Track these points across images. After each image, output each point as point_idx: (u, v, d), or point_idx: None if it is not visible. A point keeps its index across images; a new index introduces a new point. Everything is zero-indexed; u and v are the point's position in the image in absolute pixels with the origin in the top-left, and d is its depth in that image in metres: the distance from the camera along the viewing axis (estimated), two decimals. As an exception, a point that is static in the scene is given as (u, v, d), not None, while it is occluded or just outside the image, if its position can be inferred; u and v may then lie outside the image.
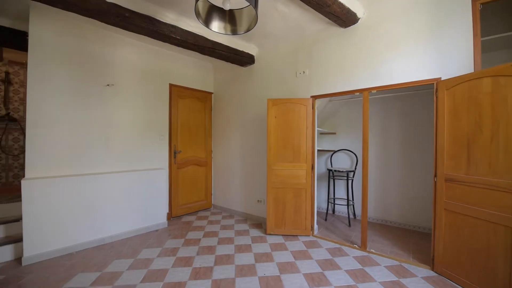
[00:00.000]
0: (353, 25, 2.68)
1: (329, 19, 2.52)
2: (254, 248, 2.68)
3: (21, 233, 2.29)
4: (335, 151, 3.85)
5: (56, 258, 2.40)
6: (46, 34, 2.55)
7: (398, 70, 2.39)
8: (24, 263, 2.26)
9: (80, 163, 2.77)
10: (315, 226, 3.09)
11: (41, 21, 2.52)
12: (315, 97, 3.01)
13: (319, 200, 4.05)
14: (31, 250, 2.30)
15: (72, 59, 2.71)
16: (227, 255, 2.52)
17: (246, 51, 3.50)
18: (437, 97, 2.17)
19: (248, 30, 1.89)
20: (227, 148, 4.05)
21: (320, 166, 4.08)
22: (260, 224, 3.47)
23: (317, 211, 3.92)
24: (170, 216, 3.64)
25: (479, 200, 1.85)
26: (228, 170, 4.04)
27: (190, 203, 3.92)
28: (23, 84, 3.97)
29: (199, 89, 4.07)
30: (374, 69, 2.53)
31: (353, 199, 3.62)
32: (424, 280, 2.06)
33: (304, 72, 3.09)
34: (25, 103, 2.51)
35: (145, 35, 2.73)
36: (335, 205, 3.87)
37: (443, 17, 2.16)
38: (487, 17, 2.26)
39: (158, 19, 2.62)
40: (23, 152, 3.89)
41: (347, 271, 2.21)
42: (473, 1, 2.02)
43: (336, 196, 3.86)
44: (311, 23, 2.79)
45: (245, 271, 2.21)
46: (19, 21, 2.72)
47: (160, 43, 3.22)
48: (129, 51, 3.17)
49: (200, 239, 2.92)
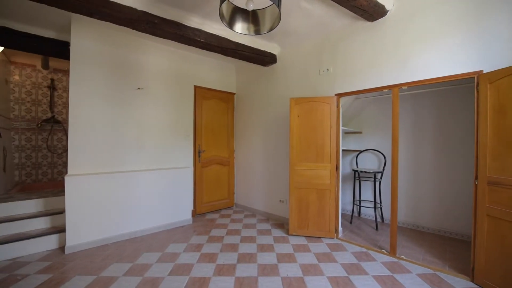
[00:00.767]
0: (381, 18, 2.55)
1: (355, 13, 2.42)
2: (277, 248, 2.67)
3: (64, 224, 2.54)
4: (361, 151, 3.69)
5: (93, 249, 2.61)
6: (85, 43, 2.78)
7: (432, 64, 2.22)
8: (66, 251, 2.49)
9: (114, 162, 2.98)
10: (340, 228, 2.99)
11: (81, 31, 2.76)
12: (339, 95, 2.92)
13: (344, 202, 3.91)
14: (73, 240, 2.54)
15: (107, 65, 2.93)
16: (249, 253, 2.54)
17: (268, 51, 3.50)
18: (478, 92, 1.98)
19: (271, 29, 1.89)
20: (249, 148, 4.09)
21: (345, 166, 3.94)
22: (282, 224, 3.45)
23: (342, 213, 3.79)
24: (194, 213, 3.77)
25: (530, 206, 1.65)
26: (250, 169, 4.08)
27: (213, 201, 4.02)
28: (66, 90, 4.38)
29: (222, 90, 4.16)
30: (404, 64, 2.39)
31: (380, 202, 3.44)
32: (463, 292, 1.89)
33: (328, 69, 3.01)
34: (68, 107, 2.76)
35: (172, 39, 2.86)
36: (361, 208, 3.71)
37: (485, 3, 1.97)
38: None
39: (184, 23, 2.73)
40: (65, 151, 4.29)
41: (374, 276, 2.11)
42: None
43: (362, 198, 3.70)
44: (336, 18, 2.70)
45: (268, 270, 2.21)
46: (62, 32, 3.00)
47: (186, 46, 3.35)
48: (157, 55, 3.35)
49: (223, 237, 2.98)
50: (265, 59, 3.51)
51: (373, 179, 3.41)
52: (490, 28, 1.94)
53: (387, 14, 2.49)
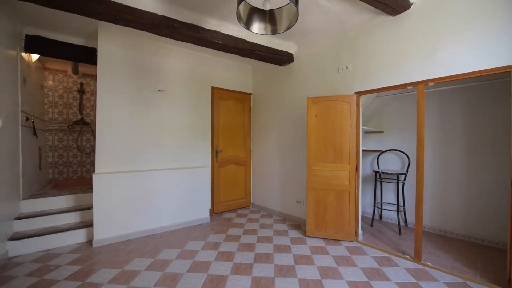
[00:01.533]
0: (404, 12, 2.42)
1: (376, 8, 2.33)
2: (294, 249, 2.64)
3: (92, 219, 2.69)
4: (382, 152, 3.54)
5: (118, 243, 2.75)
6: (110, 48, 2.94)
7: (462, 58, 2.07)
8: (94, 245, 2.65)
9: (137, 161, 3.12)
10: (360, 231, 2.89)
11: (107, 38, 2.92)
12: (359, 94, 2.82)
13: (364, 204, 3.77)
14: (100, 234, 2.69)
15: (130, 69, 3.08)
16: (266, 253, 2.53)
17: (285, 50, 3.47)
18: (516, 88, 1.81)
19: (289, 28, 1.88)
20: (266, 148, 4.08)
21: (365, 167, 3.80)
22: (299, 225, 3.41)
23: (362, 216, 3.67)
24: (212, 212, 3.84)
25: None
26: (266, 169, 4.07)
27: (230, 200, 4.07)
28: (93, 93, 4.66)
29: (239, 90, 4.19)
30: (430, 59, 2.25)
31: (404, 205, 3.27)
32: (498, 304, 1.74)
33: (347, 67, 2.92)
34: (95, 109, 2.93)
35: (190, 42, 2.93)
36: (383, 210, 3.56)
37: (525, -10, 1.80)
38: None
39: (202, 26, 2.79)
40: (93, 150, 4.56)
41: (398, 283, 2.01)
42: None
43: (383, 201, 3.55)
44: (355, 14, 2.62)
45: (285, 271, 2.19)
46: (90, 39, 3.20)
47: (203, 48, 3.42)
48: (176, 58, 3.45)
49: (240, 236, 3.00)
50: (282, 58, 3.49)
51: (395, 181, 3.25)
52: (530, 17, 1.78)
53: (411, 7, 2.37)
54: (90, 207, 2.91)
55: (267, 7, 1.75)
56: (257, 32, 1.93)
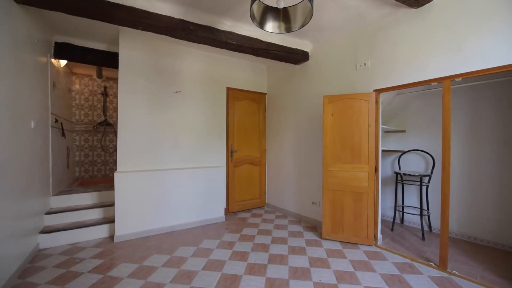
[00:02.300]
0: (427, 4, 2.28)
1: (396, 0, 2.21)
2: (309, 252, 2.58)
3: (114, 216, 2.82)
4: (404, 152, 3.37)
5: (137, 239, 2.86)
6: (131, 52, 3.07)
7: (493, 51, 1.90)
8: (115, 240, 2.77)
9: (156, 160, 3.22)
10: (379, 235, 2.76)
11: (127, 42, 3.05)
12: (379, 91, 2.70)
13: (384, 206, 3.61)
14: (120, 230, 2.81)
15: (149, 71, 3.19)
16: (280, 255, 2.50)
17: (300, 48, 3.42)
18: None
19: (303, 25, 1.84)
20: (281, 148, 4.04)
21: (386, 168, 3.64)
22: (314, 227, 3.33)
23: (382, 219, 3.52)
24: (227, 211, 3.87)
25: None
26: (281, 169, 4.03)
27: (245, 200, 4.08)
28: (116, 96, 4.89)
29: (253, 90, 4.19)
30: (457, 53, 2.09)
31: (428, 209, 3.08)
32: (537, 321, 1.58)
33: (365, 64, 2.81)
34: (117, 111, 3.07)
35: (206, 44, 2.98)
36: (404, 214, 3.38)
37: None
38: None
39: (216, 27, 2.82)
40: (115, 150, 4.79)
41: (420, 291, 1.90)
42: None
43: (405, 204, 3.37)
44: (373, 9, 2.51)
45: (299, 274, 2.15)
46: (112, 44, 3.36)
47: (219, 50, 3.45)
48: (192, 60, 3.53)
49: (254, 236, 3.00)
50: (297, 57, 3.43)
51: (419, 183, 3.07)
52: None
53: (436, -2, 2.22)
54: (113, 204, 3.05)
55: (280, 5, 1.72)
56: (271, 31, 1.91)
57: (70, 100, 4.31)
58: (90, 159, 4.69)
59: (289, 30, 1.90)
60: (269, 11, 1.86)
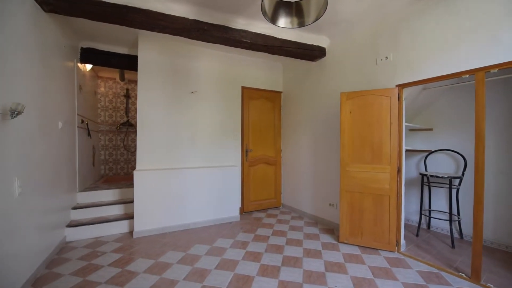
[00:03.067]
0: (458, -11, 2.08)
1: (422, -12, 2.04)
2: (325, 255, 2.48)
3: (133, 212, 2.93)
4: (431, 152, 3.11)
5: (154, 235, 2.95)
6: (149, 55, 3.17)
7: (540, 37, 1.68)
8: (134, 235, 2.88)
9: (172, 159, 3.30)
10: (402, 241, 2.58)
11: (146, 45, 3.15)
12: (402, 86, 2.52)
13: (409, 210, 3.37)
14: (139, 226, 2.92)
15: (166, 73, 3.27)
16: (295, 257, 2.43)
17: (316, 44, 3.30)
18: None
19: (317, 19, 1.76)
20: (297, 147, 3.95)
21: (410, 169, 3.39)
22: (331, 229, 3.20)
23: (406, 224, 3.29)
24: (242, 211, 3.86)
25: None
26: (297, 169, 3.94)
27: (260, 200, 4.05)
28: (137, 97, 5.10)
29: (269, 89, 4.15)
30: (492, 42, 1.88)
31: (458, 214, 2.82)
32: None
33: (386, 57, 2.64)
34: (137, 111, 3.19)
35: (220, 43, 2.98)
36: (431, 219, 3.12)
37: None
38: None
39: (230, 26, 2.82)
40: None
41: (449, 305, 1.73)
42: None
43: (432, 208, 3.11)
44: (396, -2, 2.34)
45: (314, 278, 2.06)
46: (132, 48, 3.50)
47: (233, 49, 3.46)
48: (208, 60, 3.57)
49: (268, 237, 2.95)
50: (313, 53, 3.32)
51: (448, 186, 2.82)
52: None
53: (468, -19, 2.01)
54: (133, 201, 3.17)
55: (293, -2, 1.66)
56: (283, 26, 1.85)
57: (95, 102, 4.58)
58: (114, 158, 4.94)
59: (302, 24, 1.82)
60: (281, 6, 1.80)
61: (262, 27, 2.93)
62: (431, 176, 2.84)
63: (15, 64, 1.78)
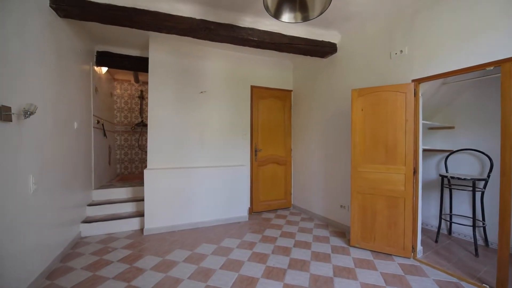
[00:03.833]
0: (482, -27, 1.89)
1: (439, -26, 1.89)
2: (334, 259, 2.38)
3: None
4: (452, 152, 2.89)
5: (163, 233, 3.00)
6: (159, 56, 3.24)
7: None
8: (144, 233, 2.95)
9: (181, 158, 3.35)
10: (419, 247, 2.41)
11: (156, 47, 3.22)
12: (418, 81, 2.35)
13: (427, 214, 3.16)
14: (149, 224, 2.98)
15: (175, 73, 3.33)
16: (302, 260, 2.36)
17: (327, 40, 3.19)
18: None
19: (322, 13, 1.68)
20: (307, 147, 3.85)
21: (429, 170, 3.18)
22: (343, 232, 3.08)
23: (423, 229, 3.09)
24: (251, 211, 3.83)
25: None
26: (308, 170, 3.83)
27: (269, 200, 3.99)
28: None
29: (279, 88, 4.08)
30: (524, 29, 1.69)
31: (483, 219, 2.59)
32: None
33: (401, 51, 2.48)
34: (148, 111, 3.27)
35: (227, 42, 2.97)
36: (453, 224, 2.90)
37: None
38: None
39: (237, 25, 2.79)
40: (150, 149, 5.14)
41: (469, 319, 1.57)
42: None
43: (454, 212, 2.89)
44: (411, -13, 2.19)
45: (321, 283, 1.98)
46: (144, 50, 3.59)
47: (242, 48, 3.44)
48: (216, 60, 3.57)
49: (276, 238, 2.89)
50: (324, 49, 3.21)
51: (471, 189, 2.59)
52: None
53: (493, -36, 1.83)
54: (143, 199, 3.26)
55: (295, -9, 1.60)
56: (287, 21, 1.79)
57: (112, 103, 4.76)
58: (129, 157, 5.12)
59: (306, 19, 1.75)
60: (284, 1, 1.74)
61: (269, 24, 2.87)
62: (452, 177, 2.63)
63: (32, 67, 1.87)
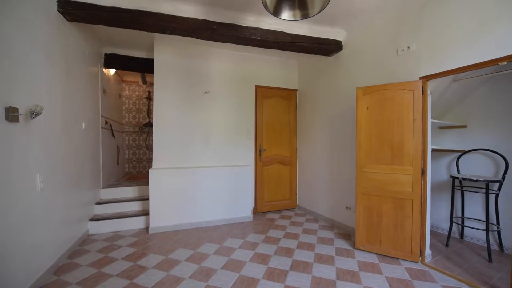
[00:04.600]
0: (494, -37, 1.79)
1: (448, -35, 1.80)
2: (337, 262, 2.32)
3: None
4: (464, 152, 2.76)
5: (168, 232, 3.03)
6: (164, 57, 3.28)
7: None
8: (149, 231, 3.00)
9: (185, 158, 3.38)
10: (428, 251, 2.32)
11: (161, 48, 3.27)
12: (426, 78, 2.26)
13: (437, 217, 3.03)
14: (154, 222, 3.02)
15: (180, 73, 3.36)
16: (304, 262, 2.32)
17: (332, 38, 3.13)
18: None
19: (322, 10, 1.64)
20: (313, 147, 3.79)
21: (439, 171, 3.05)
22: (348, 234, 3.01)
23: (433, 232, 2.98)
24: (256, 211, 3.82)
25: None
26: (313, 170, 3.77)
27: (274, 201, 3.96)
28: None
29: (283, 87, 4.04)
30: (540, 20, 1.58)
31: (498, 223, 2.45)
32: None
33: (408, 47, 2.39)
34: (153, 112, 3.32)
35: (230, 42, 2.97)
36: (464, 228, 2.77)
37: None
38: None
39: (240, 24, 2.78)
40: (158, 149, 5.23)
41: (479, 328, 1.49)
42: None
43: (466, 215, 2.76)
44: (419, -20, 2.10)
45: (323, 286, 1.94)
46: (150, 52, 3.65)
47: (245, 48, 3.44)
48: (220, 60, 3.58)
49: (279, 239, 2.86)
50: (328, 47, 3.15)
51: (484, 191, 2.46)
52: None
53: (506, -47, 1.73)
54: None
55: (294, -12, 1.57)
56: (286, 19, 1.76)
57: (120, 104, 4.88)
58: (137, 157, 5.23)
59: (306, 16, 1.72)
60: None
61: (272, 23, 2.85)
62: (464, 179, 2.51)
63: (40, 70, 1.94)
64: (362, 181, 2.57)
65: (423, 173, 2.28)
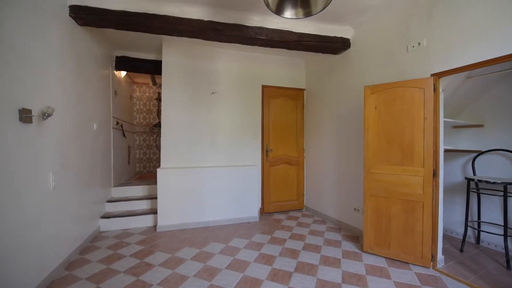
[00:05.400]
0: (512, -48, 1.69)
1: (460, -44, 1.72)
2: (344, 265, 2.27)
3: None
4: (481, 152, 2.62)
5: (175, 231, 3.08)
6: (171, 59, 3.34)
7: None
8: (157, 230, 3.06)
9: (192, 158, 3.42)
10: (440, 256, 2.21)
11: (169, 50, 3.33)
12: (438, 75, 2.16)
13: (451, 221, 2.90)
14: (162, 221, 3.08)
15: (187, 74, 3.41)
16: (310, 264, 2.28)
17: (339, 35, 3.06)
18: None
19: (325, 7, 1.61)
20: (320, 147, 3.73)
21: (454, 173, 2.91)
22: (356, 237, 2.93)
23: (446, 236, 2.85)
24: (262, 211, 3.81)
25: None
26: (321, 171, 3.71)
27: (281, 201, 3.93)
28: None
29: (290, 87, 4.01)
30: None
31: (519, 228, 2.31)
32: None
33: (419, 43, 2.30)
34: (161, 112, 3.39)
35: (235, 42, 2.98)
36: (481, 232, 2.62)
37: None
38: None
39: (245, 24, 2.78)
40: (167, 149, 5.34)
41: None
42: None
43: (482, 219, 2.62)
44: (429, -27, 2.02)
45: (327, 288, 1.90)
46: (159, 53, 3.73)
47: (252, 48, 3.43)
48: (226, 60, 3.60)
49: (285, 240, 2.84)
50: (336, 45, 3.09)
51: (502, 193, 2.32)
52: None
53: None
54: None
55: (296, -14, 1.55)
56: (289, 17, 1.74)
57: (131, 105, 5.02)
58: (148, 157, 5.36)
59: (309, 14, 1.69)
60: (286, -4, 1.69)
61: (278, 22, 2.83)
62: (480, 181, 2.38)
63: (53, 73, 2.02)
64: (370, 182, 2.49)
65: (435, 174, 2.18)
